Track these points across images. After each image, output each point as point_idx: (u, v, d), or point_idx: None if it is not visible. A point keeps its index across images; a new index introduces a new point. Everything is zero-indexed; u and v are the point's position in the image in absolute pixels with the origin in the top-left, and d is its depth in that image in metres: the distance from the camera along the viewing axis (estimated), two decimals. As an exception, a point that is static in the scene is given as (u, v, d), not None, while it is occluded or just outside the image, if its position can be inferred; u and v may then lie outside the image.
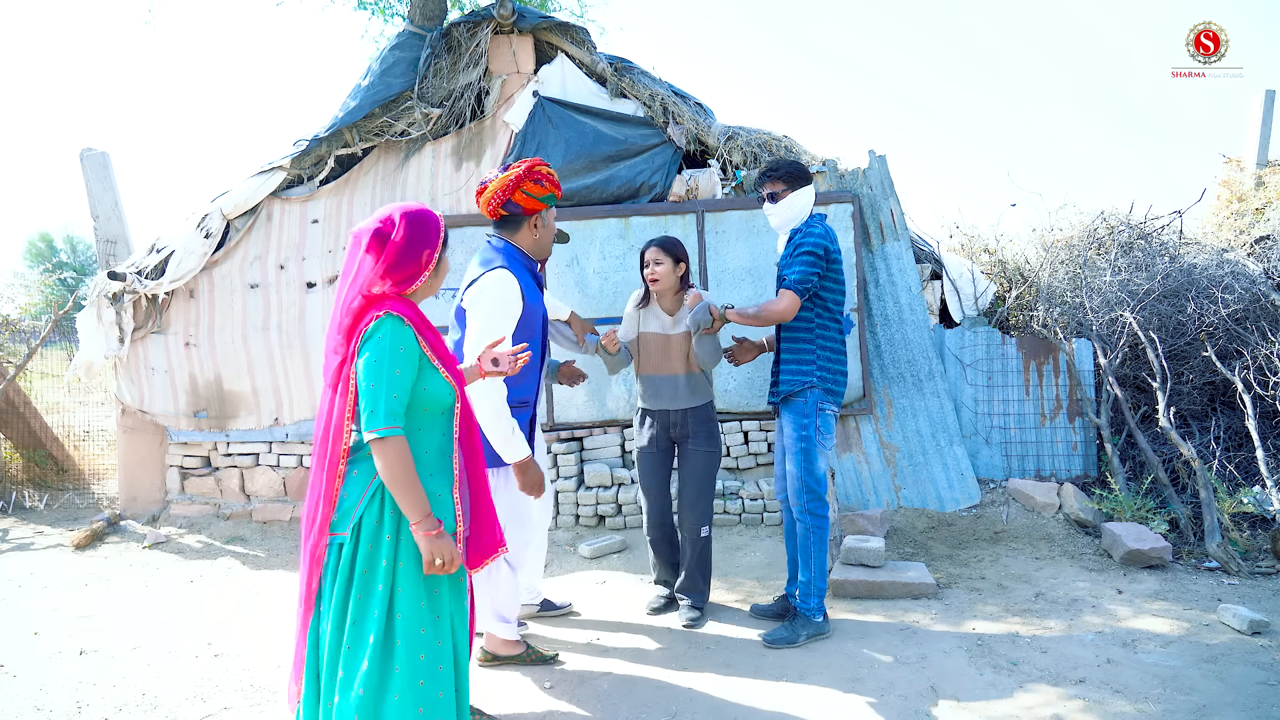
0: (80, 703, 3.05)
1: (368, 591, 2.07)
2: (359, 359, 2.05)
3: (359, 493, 2.10)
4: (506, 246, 2.94)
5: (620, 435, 5.34)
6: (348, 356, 2.08)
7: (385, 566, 2.07)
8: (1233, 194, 7.01)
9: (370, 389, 2.02)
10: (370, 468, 2.11)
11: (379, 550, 2.08)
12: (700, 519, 3.66)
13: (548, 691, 3.04)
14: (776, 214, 3.44)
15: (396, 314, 2.08)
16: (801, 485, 3.42)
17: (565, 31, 5.58)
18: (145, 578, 4.59)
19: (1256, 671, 3.03)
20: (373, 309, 2.09)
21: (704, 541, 3.69)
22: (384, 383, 2.02)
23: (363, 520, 2.08)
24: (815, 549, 3.44)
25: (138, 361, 5.56)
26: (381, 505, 2.09)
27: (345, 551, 2.07)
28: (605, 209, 5.37)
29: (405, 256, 2.11)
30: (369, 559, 2.07)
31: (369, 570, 2.07)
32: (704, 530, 3.67)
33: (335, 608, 2.07)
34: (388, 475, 2.02)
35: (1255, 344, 4.98)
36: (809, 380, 3.39)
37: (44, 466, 6.43)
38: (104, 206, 5.82)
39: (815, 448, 3.40)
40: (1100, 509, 4.65)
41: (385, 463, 2.01)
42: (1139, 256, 5.64)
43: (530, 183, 2.84)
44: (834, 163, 5.40)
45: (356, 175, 5.57)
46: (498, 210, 2.89)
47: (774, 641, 3.38)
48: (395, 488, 2.03)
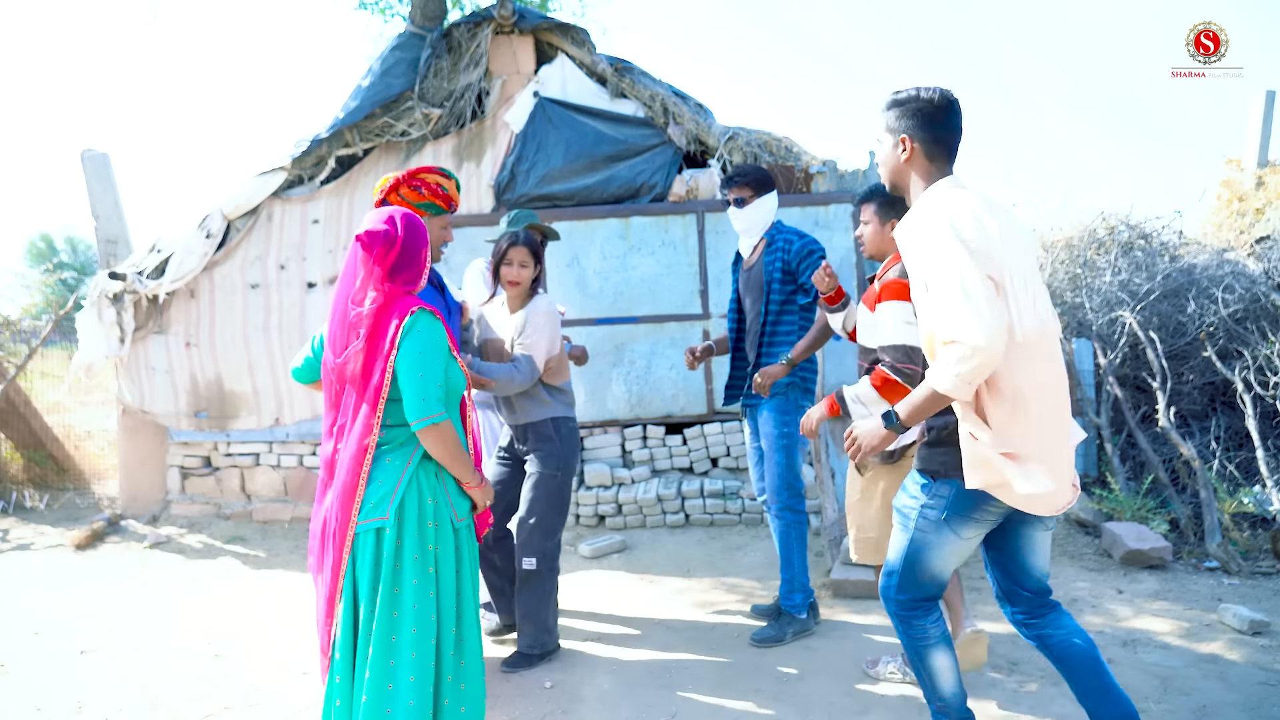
0: (80, 703, 3.05)
1: (423, 576, 2.20)
2: (399, 352, 2.16)
3: (395, 479, 2.21)
4: None
5: (620, 435, 5.34)
6: (381, 353, 2.18)
7: (431, 551, 2.23)
8: (1233, 194, 7.02)
9: (420, 378, 2.16)
10: (404, 454, 2.24)
11: (425, 535, 2.23)
12: (524, 547, 3.17)
13: (548, 691, 3.05)
14: (743, 218, 3.50)
15: (427, 309, 2.22)
16: (782, 482, 3.44)
17: (565, 32, 5.59)
18: (146, 578, 4.59)
19: (1256, 671, 3.03)
20: (398, 305, 2.21)
21: (527, 574, 3.16)
22: (431, 372, 2.18)
23: (404, 503, 2.21)
24: (796, 545, 3.45)
25: (138, 361, 5.56)
26: (420, 491, 2.24)
27: (388, 536, 2.18)
28: (605, 209, 5.37)
29: (407, 257, 2.23)
30: (419, 544, 2.21)
31: (420, 556, 2.21)
32: (527, 562, 3.15)
33: (383, 593, 2.17)
34: (445, 453, 2.24)
35: (1255, 344, 4.98)
36: (793, 379, 3.43)
37: (44, 467, 6.43)
38: (104, 206, 5.82)
39: (797, 444, 3.46)
40: (1100, 509, 4.65)
41: (441, 443, 2.21)
42: (1139, 256, 5.64)
43: (407, 188, 2.74)
44: (834, 163, 5.40)
45: (357, 175, 5.58)
46: None
47: (762, 640, 3.39)
48: (453, 462, 2.27)
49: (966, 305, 1.92)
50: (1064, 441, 2.10)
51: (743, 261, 3.63)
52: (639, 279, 5.35)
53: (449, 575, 2.27)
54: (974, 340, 1.89)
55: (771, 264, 3.45)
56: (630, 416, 5.35)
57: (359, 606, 2.21)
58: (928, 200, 2.11)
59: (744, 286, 3.60)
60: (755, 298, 3.50)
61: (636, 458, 5.33)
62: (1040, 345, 2.03)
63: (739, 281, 3.65)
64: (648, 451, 5.34)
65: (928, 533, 2.19)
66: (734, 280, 3.71)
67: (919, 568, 2.24)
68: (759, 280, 3.48)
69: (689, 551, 4.69)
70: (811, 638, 3.46)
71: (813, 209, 5.28)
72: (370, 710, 2.12)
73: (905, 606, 2.31)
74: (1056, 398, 2.07)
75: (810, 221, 5.27)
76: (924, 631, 2.31)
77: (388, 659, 2.15)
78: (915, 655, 2.34)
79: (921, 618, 2.30)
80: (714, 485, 5.07)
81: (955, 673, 2.34)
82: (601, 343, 5.31)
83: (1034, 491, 1.99)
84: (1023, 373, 2.00)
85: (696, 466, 5.35)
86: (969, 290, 1.92)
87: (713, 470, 5.34)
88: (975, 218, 2.01)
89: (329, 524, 2.25)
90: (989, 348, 1.89)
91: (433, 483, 2.28)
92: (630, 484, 5.17)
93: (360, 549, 2.19)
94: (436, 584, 2.24)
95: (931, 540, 2.19)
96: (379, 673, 2.14)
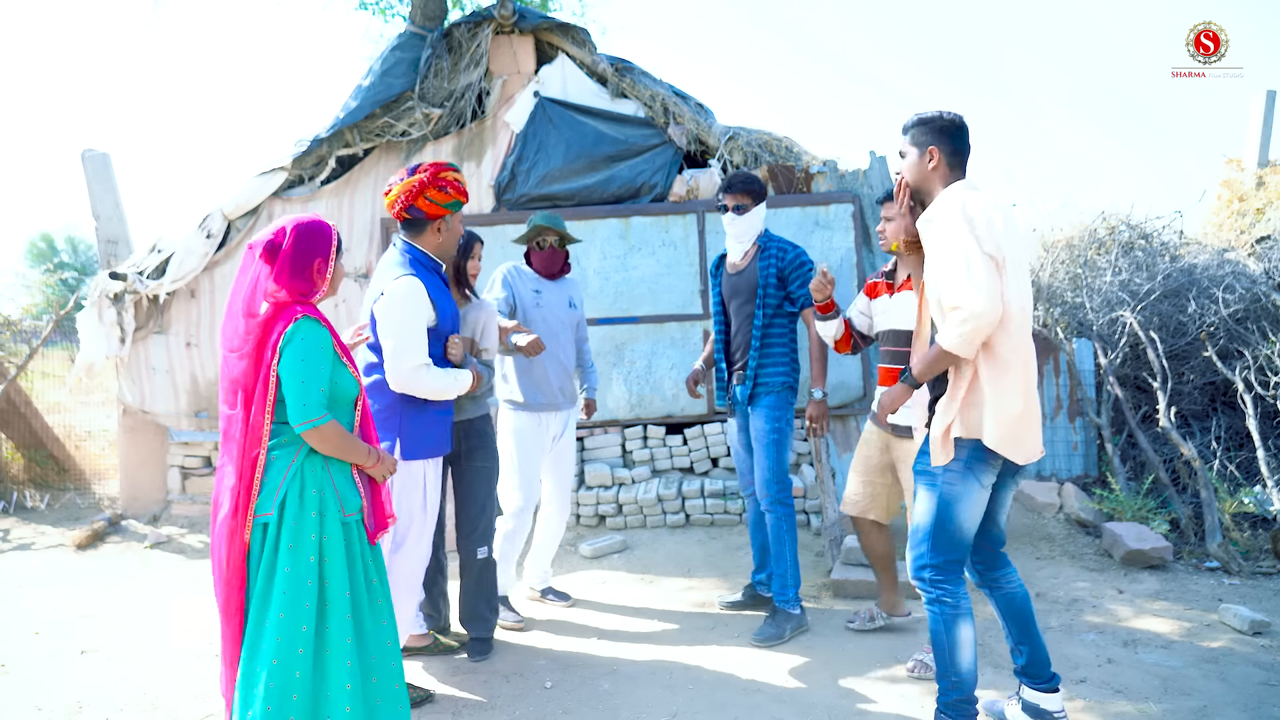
0: (81, 702, 3.05)
1: (296, 563, 2.23)
2: (281, 359, 2.23)
3: (279, 476, 2.27)
4: (411, 249, 2.97)
5: (620, 435, 5.34)
6: (265, 359, 2.24)
7: (313, 540, 2.25)
8: (1233, 194, 7.02)
9: (301, 384, 2.22)
10: (289, 452, 2.29)
11: (304, 525, 2.25)
12: (480, 538, 3.33)
13: (548, 691, 3.05)
14: (739, 224, 3.58)
15: (312, 316, 2.29)
16: (772, 476, 3.51)
17: (566, 32, 5.59)
18: (146, 578, 4.59)
19: (1257, 671, 3.03)
20: (284, 313, 2.28)
21: (484, 563, 3.34)
22: (313, 377, 2.24)
23: (286, 498, 2.25)
24: (788, 539, 3.52)
25: (139, 361, 5.56)
26: (302, 484, 2.28)
27: (270, 530, 2.24)
28: (606, 209, 5.37)
29: (297, 267, 2.28)
30: (294, 533, 2.24)
31: (295, 544, 2.24)
32: (482, 551, 3.32)
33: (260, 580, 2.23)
34: (333, 449, 2.29)
35: (1256, 344, 4.97)
36: (786, 380, 3.55)
37: (45, 467, 6.43)
38: (105, 207, 5.82)
39: (787, 440, 3.55)
40: (1101, 509, 4.64)
41: (326, 441, 2.27)
42: (1139, 256, 5.64)
43: (434, 189, 2.87)
44: (834, 163, 5.40)
45: (358, 175, 5.58)
46: (402, 214, 2.93)
47: (764, 640, 3.43)
48: (343, 454, 2.32)
49: (968, 277, 2.30)
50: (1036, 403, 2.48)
51: (726, 267, 3.72)
52: (639, 279, 5.34)
53: (338, 565, 2.28)
54: (974, 306, 2.28)
55: (766, 269, 3.53)
56: (630, 416, 5.35)
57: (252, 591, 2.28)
58: (945, 195, 2.48)
59: (730, 291, 3.68)
60: (747, 300, 3.59)
61: (637, 458, 5.33)
62: (1025, 324, 2.42)
63: (723, 286, 3.73)
64: (648, 451, 5.34)
65: (954, 484, 2.44)
66: (715, 286, 3.79)
67: (951, 522, 2.46)
68: (752, 284, 3.56)
69: (689, 551, 4.69)
70: (812, 637, 3.46)
71: (813, 209, 5.28)
72: (240, 686, 2.20)
73: (940, 572, 2.49)
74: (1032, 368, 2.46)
75: (811, 222, 5.27)
76: (955, 600, 2.49)
77: (256, 642, 2.22)
78: (942, 625, 2.50)
79: (955, 584, 2.49)
80: (714, 485, 5.07)
81: (974, 650, 2.51)
82: (602, 343, 5.31)
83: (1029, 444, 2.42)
84: (1012, 342, 2.38)
85: (697, 466, 5.34)
86: (971, 264, 2.31)
87: (713, 470, 5.34)
88: (982, 208, 2.39)
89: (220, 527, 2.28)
90: (986, 313, 2.28)
91: (319, 474, 2.31)
92: (630, 484, 5.17)
93: (253, 544, 2.26)
94: (319, 573, 2.25)
95: (959, 492, 2.44)
96: (247, 655, 2.21)
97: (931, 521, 2.48)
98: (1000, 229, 2.36)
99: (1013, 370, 2.38)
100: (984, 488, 2.46)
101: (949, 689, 2.51)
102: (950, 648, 2.49)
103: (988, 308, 2.28)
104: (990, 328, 2.31)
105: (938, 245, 2.41)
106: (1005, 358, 2.37)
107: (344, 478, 2.36)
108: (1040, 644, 2.64)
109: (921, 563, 2.51)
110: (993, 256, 2.34)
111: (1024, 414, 2.39)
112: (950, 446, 2.46)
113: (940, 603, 2.50)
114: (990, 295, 2.28)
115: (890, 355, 3.20)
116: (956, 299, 2.32)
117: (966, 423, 2.42)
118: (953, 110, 2.59)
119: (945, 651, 2.50)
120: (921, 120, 2.58)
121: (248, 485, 2.24)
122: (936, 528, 2.47)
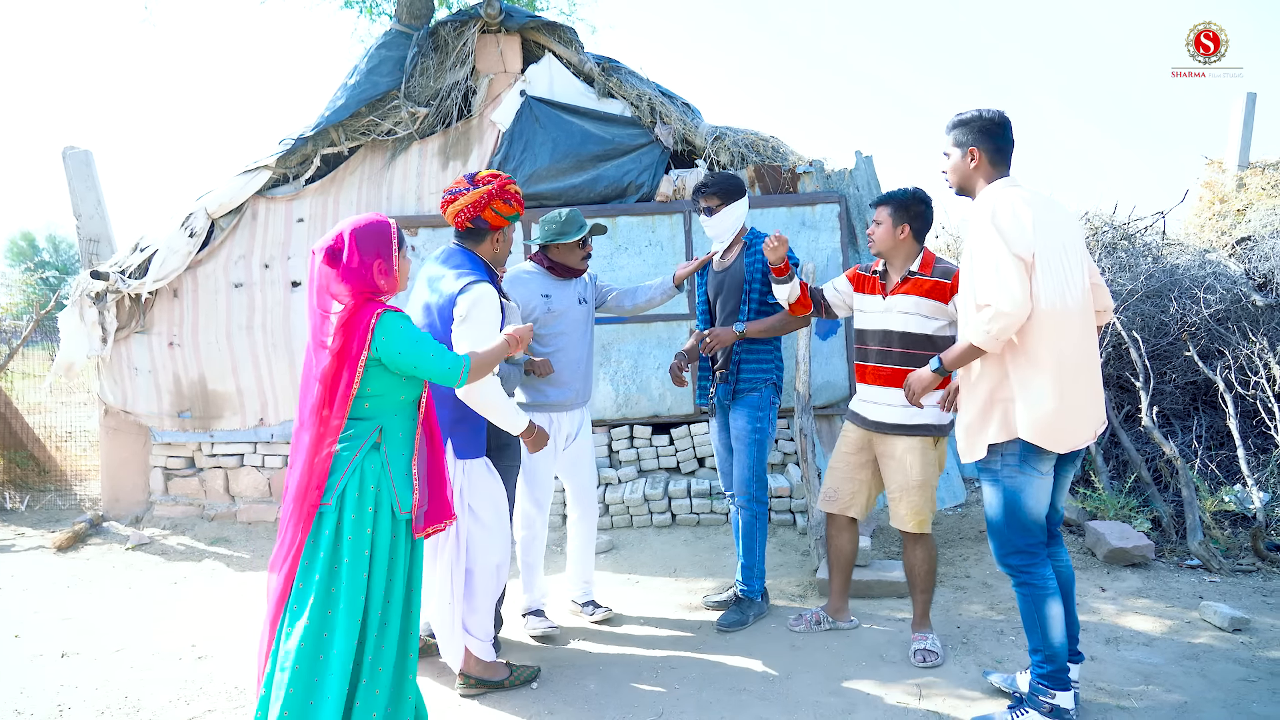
0: (62, 706, 3.02)
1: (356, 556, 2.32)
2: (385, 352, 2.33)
3: (342, 468, 2.34)
4: (471, 256, 2.99)
5: (608, 435, 5.34)
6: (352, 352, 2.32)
7: (367, 535, 2.35)
8: (1215, 195, 7.09)
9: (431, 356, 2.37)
10: (352, 446, 2.36)
11: (363, 519, 2.34)
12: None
13: (534, 692, 3.04)
14: (712, 225, 3.63)
15: (393, 310, 2.40)
16: (751, 474, 3.60)
17: (553, 31, 5.57)
18: (128, 579, 4.55)
19: (1237, 668, 3.07)
20: (365, 310, 2.36)
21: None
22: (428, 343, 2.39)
23: (346, 489, 2.34)
24: (760, 535, 3.65)
25: (121, 361, 5.51)
26: (362, 479, 2.35)
27: (329, 517, 2.32)
28: (592, 209, 5.36)
29: (359, 270, 2.36)
30: (354, 525, 2.33)
31: (354, 537, 2.33)
32: None
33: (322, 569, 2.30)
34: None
35: (1236, 344, 5.03)
36: (769, 378, 3.61)
37: (25, 467, 6.36)
38: (87, 205, 5.77)
39: (768, 439, 3.62)
40: (1084, 507, 4.68)
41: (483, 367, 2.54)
42: (1123, 257, 5.69)
43: (501, 202, 2.94)
44: (820, 163, 5.41)
45: (343, 174, 5.55)
46: (465, 223, 2.95)
47: (728, 625, 3.57)
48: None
49: (997, 278, 2.45)
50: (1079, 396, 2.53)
51: (713, 264, 3.75)
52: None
53: (382, 560, 2.38)
54: (1001, 305, 2.44)
55: (752, 265, 3.59)
56: (617, 416, 5.35)
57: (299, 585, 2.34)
58: (984, 196, 2.61)
59: (716, 288, 3.71)
60: (732, 296, 3.62)
61: (623, 458, 5.33)
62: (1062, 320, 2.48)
63: (709, 284, 3.76)
64: (634, 451, 5.34)
65: (1015, 477, 2.58)
66: (701, 284, 3.82)
67: (1021, 511, 2.60)
68: (738, 280, 3.60)
69: (676, 551, 4.69)
70: (799, 636, 3.48)
71: (799, 209, 5.29)
72: (297, 678, 2.21)
73: (1024, 558, 2.63)
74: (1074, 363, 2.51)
75: (797, 221, 5.29)
76: (1043, 581, 2.63)
77: (321, 631, 2.26)
78: (1033, 605, 2.63)
79: (1041, 567, 2.64)
80: (701, 485, 5.08)
81: (1064, 623, 2.65)
82: (588, 342, 5.30)
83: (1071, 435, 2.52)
84: (1045, 339, 2.47)
85: (683, 466, 5.35)
86: (1000, 267, 2.45)
87: (699, 470, 5.35)
88: (1012, 211, 2.50)
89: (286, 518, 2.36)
90: (1013, 312, 2.43)
91: (378, 470, 2.38)
92: (617, 484, 5.17)
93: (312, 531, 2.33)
94: (370, 567, 2.34)
95: (1020, 483, 2.58)
96: (312, 642, 2.25)
97: (1003, 514, 2.63)
98: (1030, 229, 2.47)
99: (1044, 369, 2.48)
100: (1044, 475, 2.59)
101: (1043, 661, 2.63)
102: (1042, 624, 2.62)
103: (1014, 307, 2.42)
104: (1016, 325, 2.46)
105: (973, 246, 2.57)
106: (1036, 354, 2.48)
107: (402, 475, 2.43)
108: (1075, 620, 2.79)
109: (1005, 551, 2.66)
110: (1021, 257, 2.46)
111: (1059, 410, 2.48)
112: (977, 445, 2.63)
113: (1028, 585, 2.64)
114: (1016, 297, 2.42)
115: (881, 355, 3.23)
116: (986, 297, 2.48)
117: (1004, 422, 2.56)
118: (993, 108, 2.66)
119: (1037, 628, 2.63)
120: (961, 121, 2.67)
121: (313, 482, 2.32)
122: (1009, 518, 2.62)
